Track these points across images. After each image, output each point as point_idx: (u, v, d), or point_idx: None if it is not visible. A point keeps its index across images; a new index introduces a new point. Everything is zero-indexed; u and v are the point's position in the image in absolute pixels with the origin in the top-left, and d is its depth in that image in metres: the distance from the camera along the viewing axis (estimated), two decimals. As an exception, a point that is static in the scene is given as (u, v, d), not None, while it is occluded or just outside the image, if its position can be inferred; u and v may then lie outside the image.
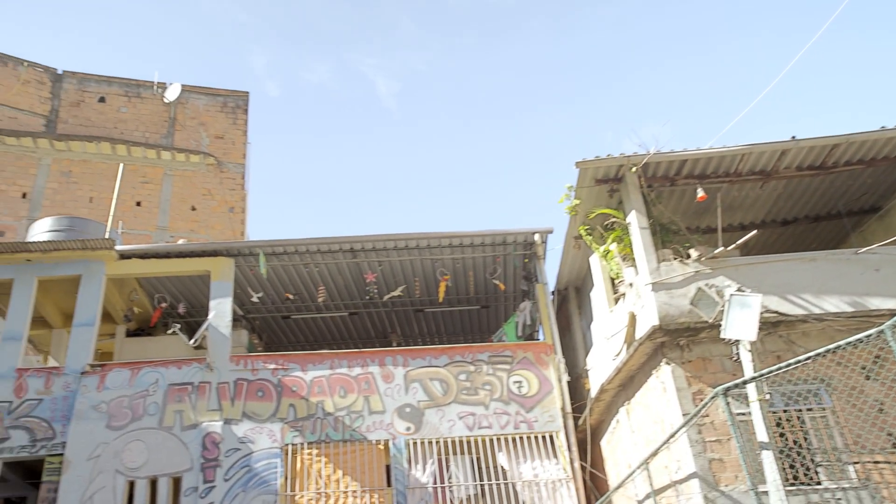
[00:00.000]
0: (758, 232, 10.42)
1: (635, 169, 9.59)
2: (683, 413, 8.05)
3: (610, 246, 10.10)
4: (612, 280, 10.50)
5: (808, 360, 4.82)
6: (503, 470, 10.58)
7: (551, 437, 10.74)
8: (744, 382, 5.47)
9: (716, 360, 8.44)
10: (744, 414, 6.59)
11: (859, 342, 4.38)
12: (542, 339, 11.96)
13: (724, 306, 7.26)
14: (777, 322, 8.37)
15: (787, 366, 4.95)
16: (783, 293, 8.56)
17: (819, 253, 9.10)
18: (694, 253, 9.02)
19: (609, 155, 9.58)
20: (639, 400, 9.57)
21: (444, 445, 10.68)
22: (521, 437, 10.71)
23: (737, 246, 9.18)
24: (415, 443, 10.64)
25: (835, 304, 8.47)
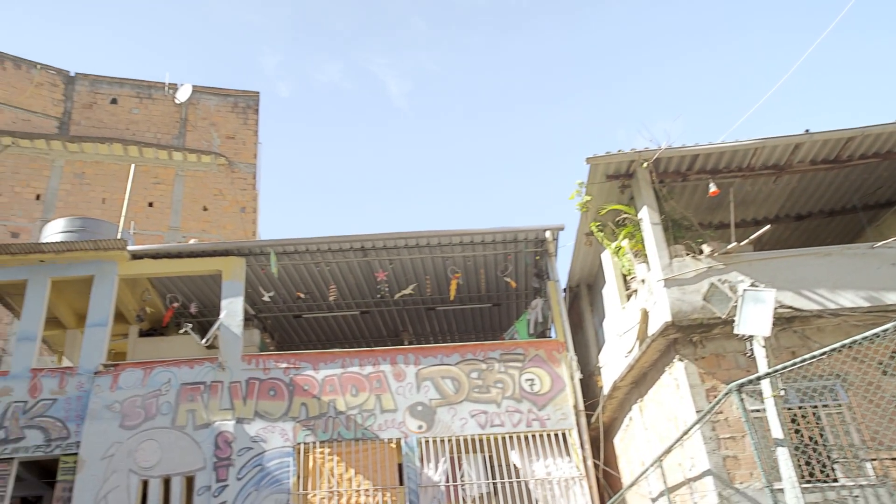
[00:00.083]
0: (771, 227, 10.30)
1: (646, 164, 9.50)
2: (697, 410, 7.97)
3: (621, 242, 10.03)
4: (624, 277, 10.42)
5: (824, 355, 4.74)
6: (516, 468, 10.53)
7: (564, 434, 10.69)
8: (758, 378, 5.39)
9: (729, 357, 8.34)
10: (758, 410, 6.51)
11: (876, 337, 4.30)
12: (554, 337, 11.90)
13: (738, 302, 7.16)
14: (791, 317, 8.26)
15: (802, 361, 4.87)
16: (797, 288, 8.45)
17: (834, 247, 8.98)
18: (706, 248, 8.92)
19: (620, 150, 9.49)
20: (652, 397, 9.49)
21: (456, 444, 10.64)
22: (534, 436, 10.66)
23: (750, 241, 9.08)
24: (427, 441, 10.61)
25: (850, 299, 8.36)
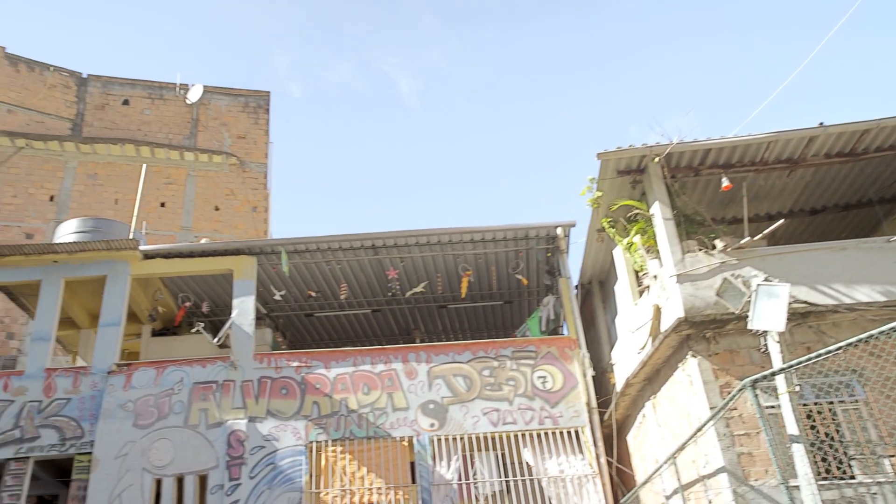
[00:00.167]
0: (785, 221, 10.19)
1: (658, 159, 9.42)
2: (711, 406, 7.89)
3: (633, 238, 9.95)
4: (636, 273, 10.35)
5: (839, 350, 4.66)
6: (528, 466, 10.49)
7: (577, 432, 10.63)
8: (772, 374, 5.32)
9: (743, 353, 8.26)
10: (773, 407, 6.43)
11: (893, 331, 4.23)
12: (567, 334, 11.84)
13: (751, 297, 7.08)
14: (806, 312, 8.16)
15: (818, 356, 4.80)
16: (812, 283, 8.35)
17: (850, 241, 8.87)
18: (719, 244, 8.84)
19: (631, 145, 9.43)
20: (665, 394, 9.42)
21: (468, 442, 10.61)
22: (546, 433, 10.61)
23: (763, 236, 8.99)
24: (439, 439, 10.58)
25: (867, 294, 8.25)
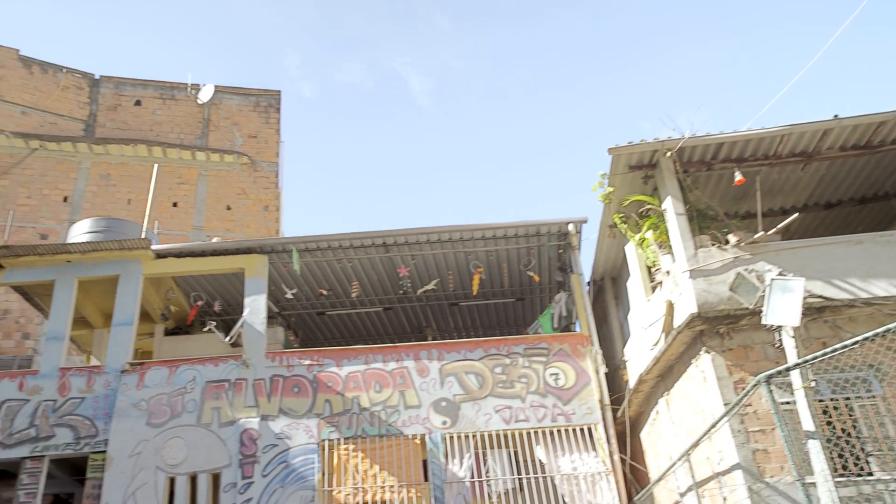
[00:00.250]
0: (800, 216, 10.07)
1: (670, 154, 9.33)
2: (725, 403, 7.81)
3: (645, 234, 9.87)
4: (649, 268, 10.27)
5: (856, 344, 4.59)
6: (541, 464, 10.44)
7: (589, 429, 10.56)
8: (787, 369, 5.24)
9: (758, 348, 8.16)
10: (788, 403, 6.34)
11: (911, 325, 4.15)
12: (579, 331, 11.78)
13: (766, 291, 7.00)
14: (822, 307, 8.06)
15: (833, 351, 4.72)
16: (828, 277, 8.24)
17: (866, 235, 8.73)
18: (732, 238, 8.74)
19: (643, 140, 9.34)
20: (678, 390, 9.34)
21: (480, 439, 10.57)
22: (559, 430, 10.55)
23: (778, 230, 8.89)
24: (451, 437, 10.55)
25: (884, 288, 8.13)
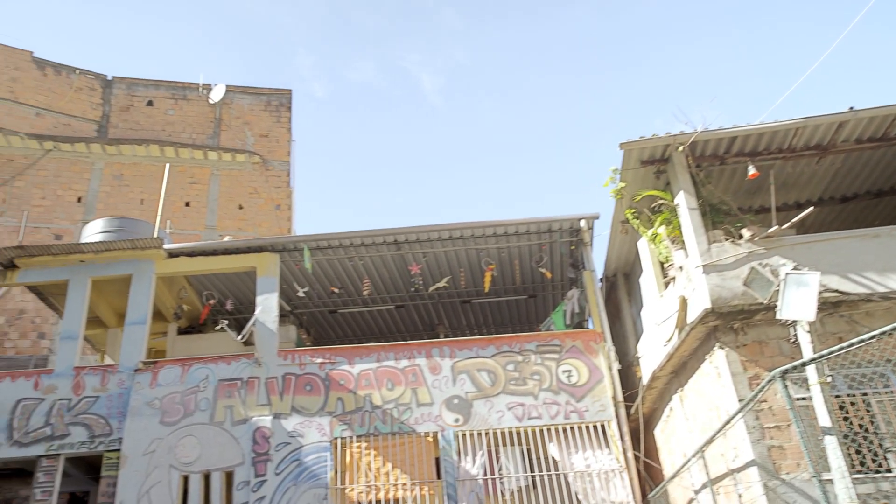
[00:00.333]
0: (815, 209, 9.97)
1: (682, 148, 9.24)
2: (739, 399, 7.72)
3: (658, 229, 9.79)
4: (662, 264, 10.18)
5: (873, 339, 4.51)
6: (554, 461, 10.39)
7: (603, 426, 10.50)
8: (802, 364, 5.17)
9: (773, 344, 8.06)
10: (804, 399, 6.26)
11: (929, 318, 4.08)
12: (592, 328, 11.70)
13: (780, 286, 6.91)
14: (838, 302, 7.94)
15: (850, 346, 4.65)
16: (844, 272, 8.13)
17: (883, 229, 8.60)
18: (746, 233, 8.64)
19: (654, 135, 9.26)
20: (692, 386, 9.25)
21: (493, 437, 10.53)
22: (572, 428, 10.49)
23: (792, 224, 8.77)
24: (464, 434, 10.52)
25: (901, 282, 8.01)
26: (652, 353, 10.50)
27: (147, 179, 19.97)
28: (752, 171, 9.09)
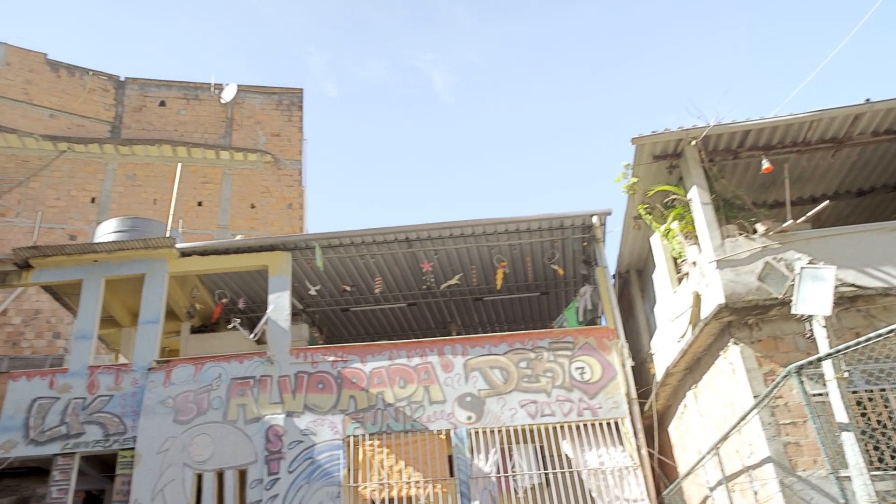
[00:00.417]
0: (831, 203, 9.83)
1: (695, 142, 9.14)
2: (754, 395, 7.63)
3: (671, 224, 9.70)
4: (675, 260, 10.09)
5: (891, 333, 4.43)
6: (568, 458, 10.34)
7: (616, 423, 10.43)
8: (818, 360, 5.08)
9: (788, 339, 7.96)
10: (820, 394, 6.17)
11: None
12: (604, 324, 11.62)
13: (795, 280, 6.80)
14: (855, 296, 7.83)
15: (867, 340, 4.57)
16: (861, 266, 8.01)
17: (901, 222, 8.49)
18: (761, 227, 8.53)
19: (667, 129, 9.16)
20: (706, 383, 9.17)
21: (506, 434, 10.50)
22: (585, 425, 10.43)
23: (808, 218, 8.65)
24: (476, 432, 10.49)
25: (920, 276, 7.88)
26: (665, 349, 10.41)
27: (160, 179, 20.07)
28: (766, 165, 8.98)
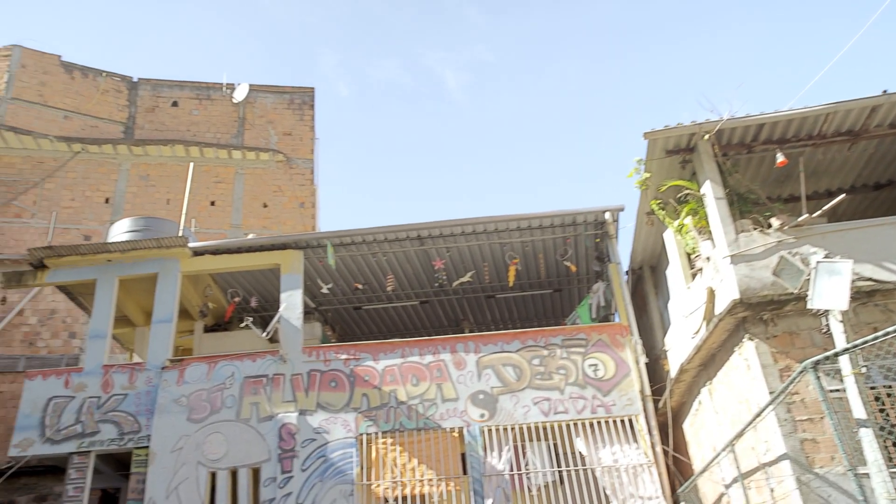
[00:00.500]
0: (847, 197, 9.69)
1: (708, 136, 9.05)
2: (770, 391, 7.54)
3: (684, 220, 9.61)
4: (689, 255, 10.00)
5: (910, 327, 4.36)
6: (581, 456, 10.28)
7: (630, 421, 10.36)
8: (835, 355, 5.01)
9: (804, 335, 7.86)
10: (837, 390, 6.08)
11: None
12: (618, 321, 11.54)
13: (811, 275, 6.71)
14: (872, 291, 7.72)
15: (885, 335, 4.49)
16: (878, 260, 7.89)
17: (919, 215, 8.37)
18: (775, 222, 8.43)
19: (679, 123, 9.07)
20: (721, 379, 9.08)
21: (519, 432, 10.45)
22: (599, 422, 10.37)
23: (824, 212, 8.54)
24: (489, 430, 10.45)
25: (939, 270, 7.76)
26: (679, 345, 10.33)
27: (173, 179, 20.16)
28: (780, 158, 8.87)
